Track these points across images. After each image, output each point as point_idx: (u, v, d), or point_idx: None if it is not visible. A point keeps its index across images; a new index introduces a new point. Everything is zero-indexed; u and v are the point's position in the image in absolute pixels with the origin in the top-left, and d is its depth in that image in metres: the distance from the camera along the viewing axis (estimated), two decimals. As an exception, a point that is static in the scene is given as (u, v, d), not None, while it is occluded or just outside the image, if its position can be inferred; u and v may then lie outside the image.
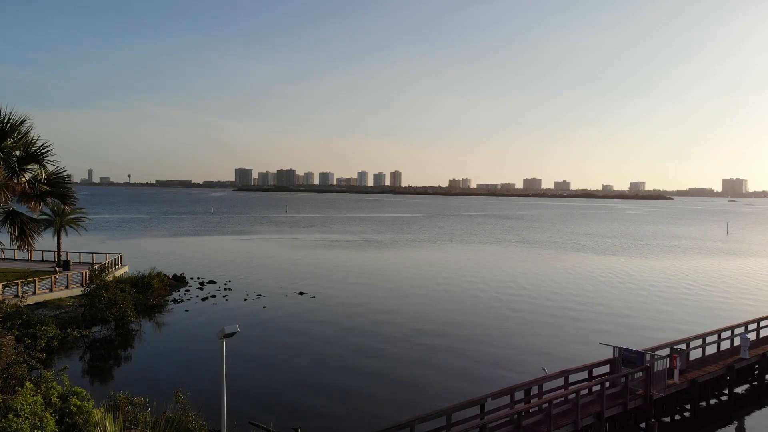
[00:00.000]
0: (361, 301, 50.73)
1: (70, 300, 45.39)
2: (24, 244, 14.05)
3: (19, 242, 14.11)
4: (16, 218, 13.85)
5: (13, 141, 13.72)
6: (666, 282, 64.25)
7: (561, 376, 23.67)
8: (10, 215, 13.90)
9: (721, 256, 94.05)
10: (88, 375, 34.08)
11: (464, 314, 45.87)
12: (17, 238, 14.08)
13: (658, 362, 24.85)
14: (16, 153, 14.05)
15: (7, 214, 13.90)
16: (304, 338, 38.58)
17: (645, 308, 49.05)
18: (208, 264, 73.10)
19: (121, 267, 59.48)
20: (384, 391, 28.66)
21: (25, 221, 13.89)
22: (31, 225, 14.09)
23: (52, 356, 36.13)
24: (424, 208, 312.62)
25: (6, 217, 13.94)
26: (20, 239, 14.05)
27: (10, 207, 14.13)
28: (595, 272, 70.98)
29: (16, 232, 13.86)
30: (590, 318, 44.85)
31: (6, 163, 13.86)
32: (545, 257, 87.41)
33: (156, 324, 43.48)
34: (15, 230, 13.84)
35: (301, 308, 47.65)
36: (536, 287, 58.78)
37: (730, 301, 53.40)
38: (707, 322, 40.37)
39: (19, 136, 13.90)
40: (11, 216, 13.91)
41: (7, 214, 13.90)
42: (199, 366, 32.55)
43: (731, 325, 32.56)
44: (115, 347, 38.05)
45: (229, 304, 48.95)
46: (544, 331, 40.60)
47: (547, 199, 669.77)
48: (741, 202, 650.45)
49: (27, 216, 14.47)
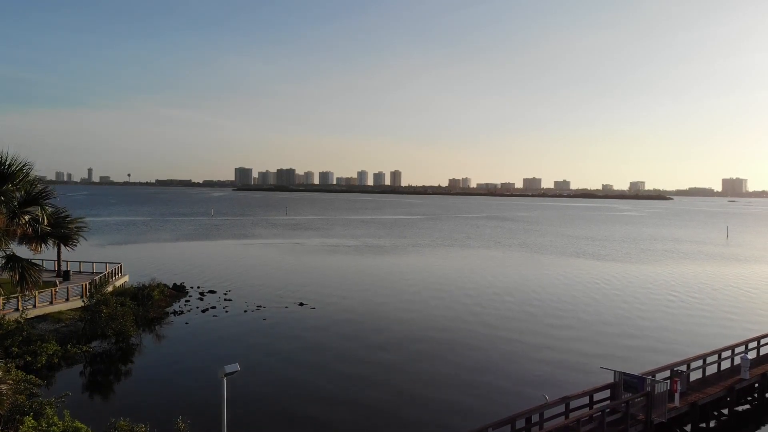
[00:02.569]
0: (360, 315, 50.36)
1: (70, 313, 45.36)
2: (25, 289, 14.06)
3: (19, 287, 14.12)
4: (16, 263, 13.85)
5: (14, 185, 13.71)
6: (667, 293, 64.17)
7: (562, 402, 23.67)
8: (11, 260, 13.89)
9: (721, 262, 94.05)
10: (89, 391, 34.09)
11: (462, 333, 44.47)
12: (18, 283, 14.07)
13: (659, 386, 24.83)
14: (17, 195, 14.05)
15: (8, 259, 13.90)
16: (303, 353, 38.58)
17: (645, 323, 48.58)
18: (208, 271, 73.07)
19: (121, 277, 59.46)
20: (382, 420, 28.50)
21: (25, 267, 13.90)
22: (32, 271, 14.09)
23: (53, 372, 36.31)
24: (424, 208, 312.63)
25: (7, 261, 13.93)
26: (20, 284, 14.05)
27: (11, 251, 14.10)
28: (594, 283, 70.68)
29: (17, 276, 13.86)
30: (591, 338, 43.54)
31: (6, 206, 13.83)
32: (545, 264, 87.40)
33: (156, 337, 43.47)
34: (16, 275, 13.84)
35: (300, 321, 47.64)
36: (535, 301, 57.83)
37: (731, 316, 53.18)
38: (707, 342, 39.72)
39: (19, 179, 13.89)
40: (12, 261, 13.89)
41: (8, 258, 13.89)
42: (200, 384, 32.55)
43: (731, 345, 32.57)
44: (115, 362, 38.02)
45: (229, 316, 48.89)
46: (543, 354, 38.95)
47: (547, 199, 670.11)
48: (741, 203, 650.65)
49: (27, 261, 14.45)
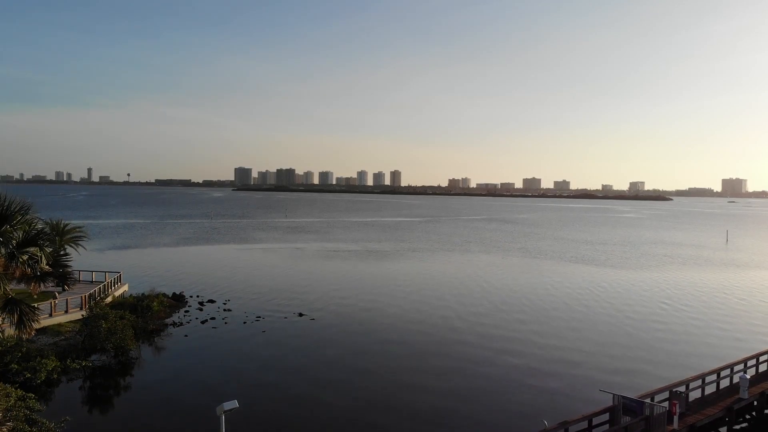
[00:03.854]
0: (358, 327, 50.28)
1: (69, 325, 45.35)
2: (23, 332, 14.05)
3: (17, 330, 14.12)
4: (15, 306, 13.84)
5: (12, 226, 13.69)
6: (666, 304, 64.06)
7: (561, 428, 23.67)
8: (10, 303, 13.87)
9: (721, 269, 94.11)
10: (88, 405, 34.23)
11: (462, 353, 42.95)
12: (16, 326, 14.08)
13: (658, 408, 24.85)
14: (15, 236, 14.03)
15: (6, 302, 13.88)
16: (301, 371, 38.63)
17: (645, 338, 47.95)
18: (207, 279, 73.04)
19: (120, 286, 59.43)
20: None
21: (24, 311, 13.89)
22: (30, 314, 14.08)
23: (52, 388, 36.31)
24: (423, 210, 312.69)
25: (5, 304, 13.90)
26: (19, 327, 14.05)
27: (9, 295, 14.08)
28: (594, 294, 69.85)
29: (15, 319, 13.86)
30: (590, 355, 42.44)
31: (6, 247, 13.82)
32: (544, 272, 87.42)
33: (156, 349, 43.52)
34: (14, 318, 13.84)
35: (299, 333, 47.68)
36: (534, 316, 56.22)
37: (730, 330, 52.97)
38: (706, 363, 38.19)
39: (17, 219, 13.87)
40: (11, 304, 13.87)
41: (7, 302, 13.87)
42: (199, 402, 32.63)
43: (730, 363, 32.60)
44: (114, 377, 38.08)
45: (229, 328, 48.86)
46: (541, 376, 37.77)
47: (547, 200, 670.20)
48: (740, 203, 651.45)
49: (26, 304, 14.44)
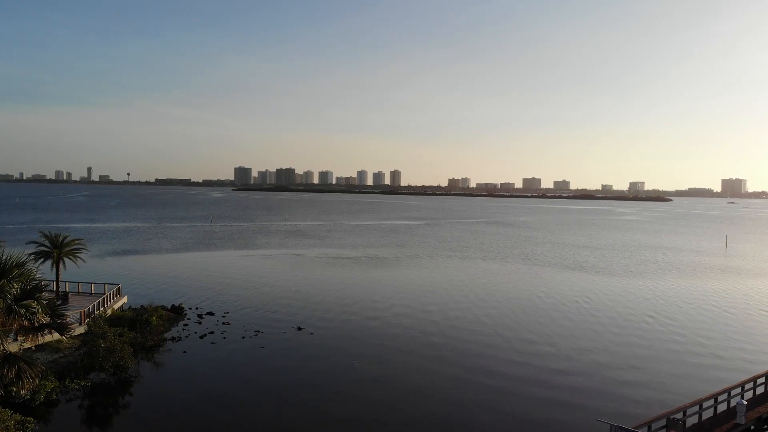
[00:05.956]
0: (357, 342, 50.39)
1: (68, 341, 45.29)
2: (20, 388, 14.10)
3: (15, 387, 14.16)
4: (13, 363, 13.87)
5: (8, 280, 13.74)
6: (665, 317, 64.08)
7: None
8: (7, 360, 13.91)
9: (720, 276, 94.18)
10: (87, 424, 34.40)
11: (462, 380, 41.25)
12: (14, 383, 14.12)
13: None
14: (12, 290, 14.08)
15: (4, 359, 13.91)
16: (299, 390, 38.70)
17: (643, 357, 47.17)
18: (206, 289, 73.01)
19: (120, 298, 59.46)
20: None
21: (22, 368, 13.92)
22: (29, 371, 14.11)
23: (51, 409, 36.39)
24: (423, 212, 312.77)
25: (3, 361, 13.93)
26: (16, 384, 14.09)
27: (7, 350, 14.13)
28: (593, 307, 69.52)
29: (13, 376, 13.90)
30: (588, 380, 41.25)
31: (3, 300, 13.87)
32: (544, 280, 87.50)
33: (154, 365, 43.70)
34: (11, 374, 13.87)
35: (298, 348, 47.78)
36: (532, 334, 53.97)
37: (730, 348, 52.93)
38: (705, 387, 37.50)
39: (14, 274, 13.93)
40: (9, 360, 13.91)
41: (5, 358, 13.91)
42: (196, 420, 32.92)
43: (728, 387, 32.68)
44: (113, 394, 38.29)
45: (227, 343, 48.88)
46: (537, 402, 36.94)
47: (547, 201, 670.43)
48: (740, 204, 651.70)
49: (24, 361, 14.48)
